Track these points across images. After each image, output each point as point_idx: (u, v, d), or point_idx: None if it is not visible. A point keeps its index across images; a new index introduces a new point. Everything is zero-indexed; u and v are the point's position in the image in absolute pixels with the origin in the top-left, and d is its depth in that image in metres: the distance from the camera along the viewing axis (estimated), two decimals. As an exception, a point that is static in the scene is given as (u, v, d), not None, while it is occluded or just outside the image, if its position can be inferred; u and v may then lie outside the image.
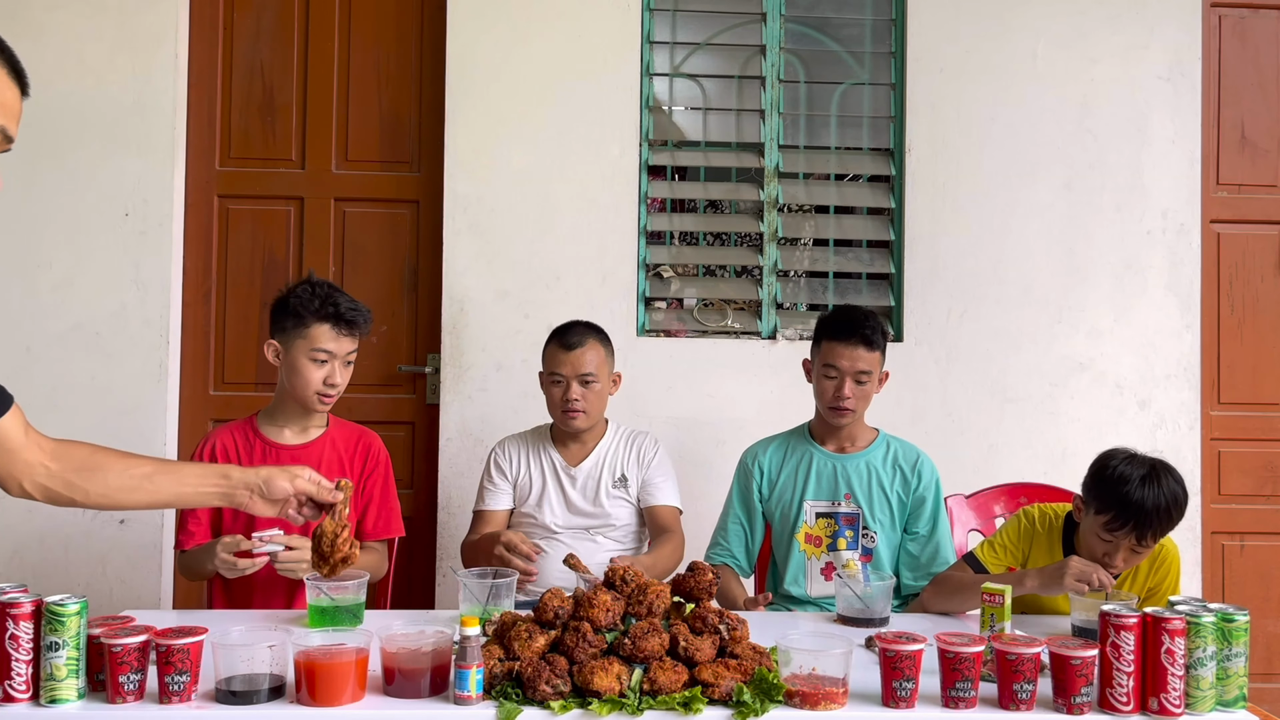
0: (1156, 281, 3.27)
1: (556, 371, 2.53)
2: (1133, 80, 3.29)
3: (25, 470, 1.60)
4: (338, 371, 2.29)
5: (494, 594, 1.92)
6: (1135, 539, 2.02)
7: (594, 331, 2.58)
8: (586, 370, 2.52)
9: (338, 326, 2.28)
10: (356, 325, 2.31)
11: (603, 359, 2.56)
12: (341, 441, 2.39)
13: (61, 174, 3.12)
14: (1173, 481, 2.05)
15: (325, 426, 2.39)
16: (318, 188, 3.29)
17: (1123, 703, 1.53)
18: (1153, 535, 2.03)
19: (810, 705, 1.51)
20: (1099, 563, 2.02)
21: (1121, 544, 2.04)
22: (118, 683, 1.50)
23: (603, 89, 3.21)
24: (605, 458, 2.60)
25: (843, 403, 2.43)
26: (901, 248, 3.27)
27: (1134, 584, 2.20)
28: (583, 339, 2.54)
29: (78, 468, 1.63)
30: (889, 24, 3.34)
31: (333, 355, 2.28)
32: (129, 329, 3.12)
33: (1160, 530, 2.05)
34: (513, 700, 1.51)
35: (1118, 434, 3.23)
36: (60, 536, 3.10)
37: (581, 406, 2.52)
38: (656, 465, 2.61)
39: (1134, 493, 2.01)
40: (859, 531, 2.47)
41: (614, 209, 3.20)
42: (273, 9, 3.29)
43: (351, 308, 2.30)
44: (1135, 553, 2.06)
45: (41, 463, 1.60)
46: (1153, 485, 2.02)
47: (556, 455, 2.61)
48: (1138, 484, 2.01)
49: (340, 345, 2.29)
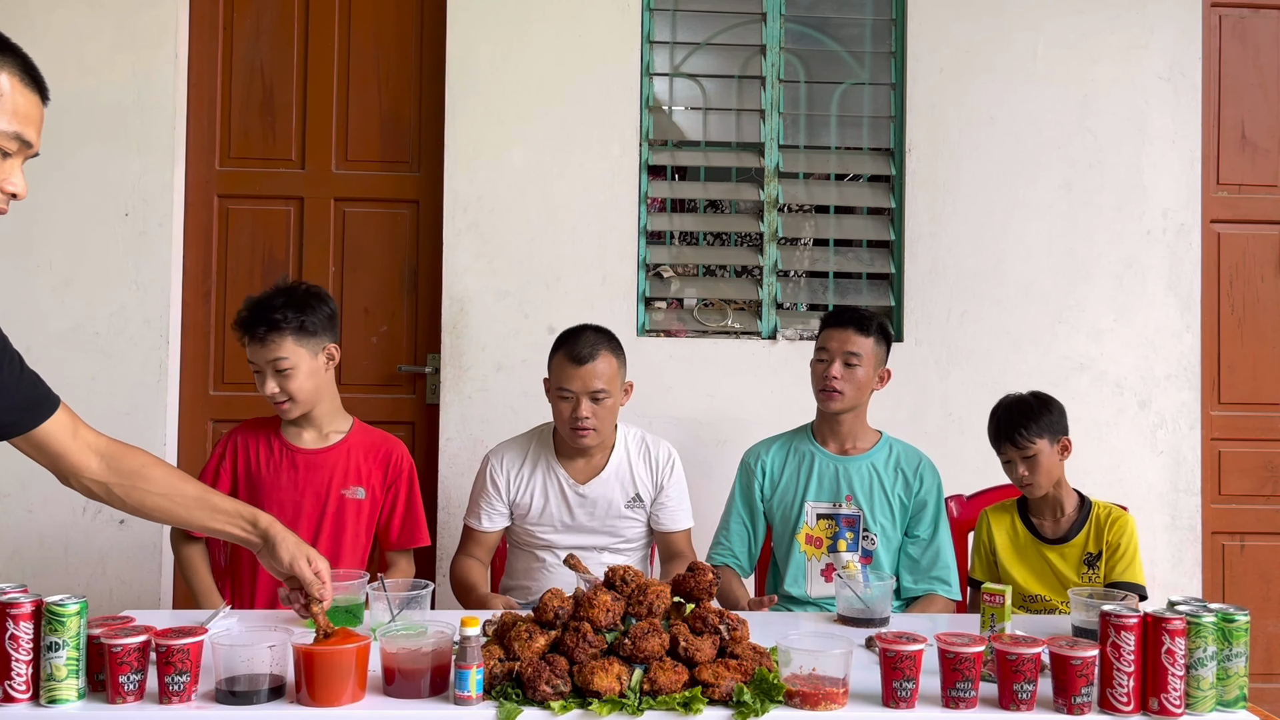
0: (1157, 281, 3.27)
1: (565, 387, 2.34)
2: (1133, 80, 3.29)
3: (73, 471, 1.69)
4: (269, 381, 2.23)
5: (408, 604, 1.86)
6: (1011, 444, 2.34)
7: (605, 340, 2.39)
8: (598, 387, 2.33)
9: (243, 335, 2.25)
10: (254, 333, 2.22)
11: (615, 371, 2.37)
12: (361, 448, 2.36)
13: (61, 174, 3.11)
14: (1019, 395, 2.42)
15: (346, 432, 2.36)
16: (318, 188, 3.29)
17: (1123, 703, 1.53)
18: (1021, 432, 2.32)
19: (810, 705, 1.51)
20: (1019, 486, 2.36)
21: (1013, 457, 2.35)
22: (118, 683, 1.50)
23: (603, 89, 3.20)
24: (617, 475, 2.46)
25: (830, 383, 2.43)
26: (901, 248, 3.27)
27: (1094, 542, 2.35)
28: (594, 351, 2.34)
29: (123, 478, 1.71)
30: (889, 24, 3.34)
31: (259, 366, 2.24)
32: (129, 329, 3.12)
33: (1021, 423, 2.33)
34: (513, 700, 1.51)
35: (1118, 434, 3.23)
36: (60, 536, 3.10)
37: (592, 424, 2.34)
38: (672, 486, 2.48)
39: (996, 412, 2.42)
40: (859, 533, 2.47)
41: (614, 209, 3.20)
42: (273, 9, 3.29)
43: (254, 314, 2.23)
44: (1027, 459, 2.33)
45: (89, 466, 1.69)
46: (1008, 398, 2.42)
47: (562, 473, 2.45)
48: (999, 407, 2.42)
49: (258, 353, 2.22)
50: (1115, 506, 2.41)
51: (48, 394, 1.67)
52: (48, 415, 1.64)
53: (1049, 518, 2.40)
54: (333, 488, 2.30)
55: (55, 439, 1.65)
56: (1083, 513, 2.38)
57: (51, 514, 3.09)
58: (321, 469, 2.31)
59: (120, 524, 3.10)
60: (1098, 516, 2.37)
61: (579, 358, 2.33)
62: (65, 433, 1.66)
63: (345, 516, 2.32)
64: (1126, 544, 2.32)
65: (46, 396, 1.66)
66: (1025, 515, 2.43)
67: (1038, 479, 2.35)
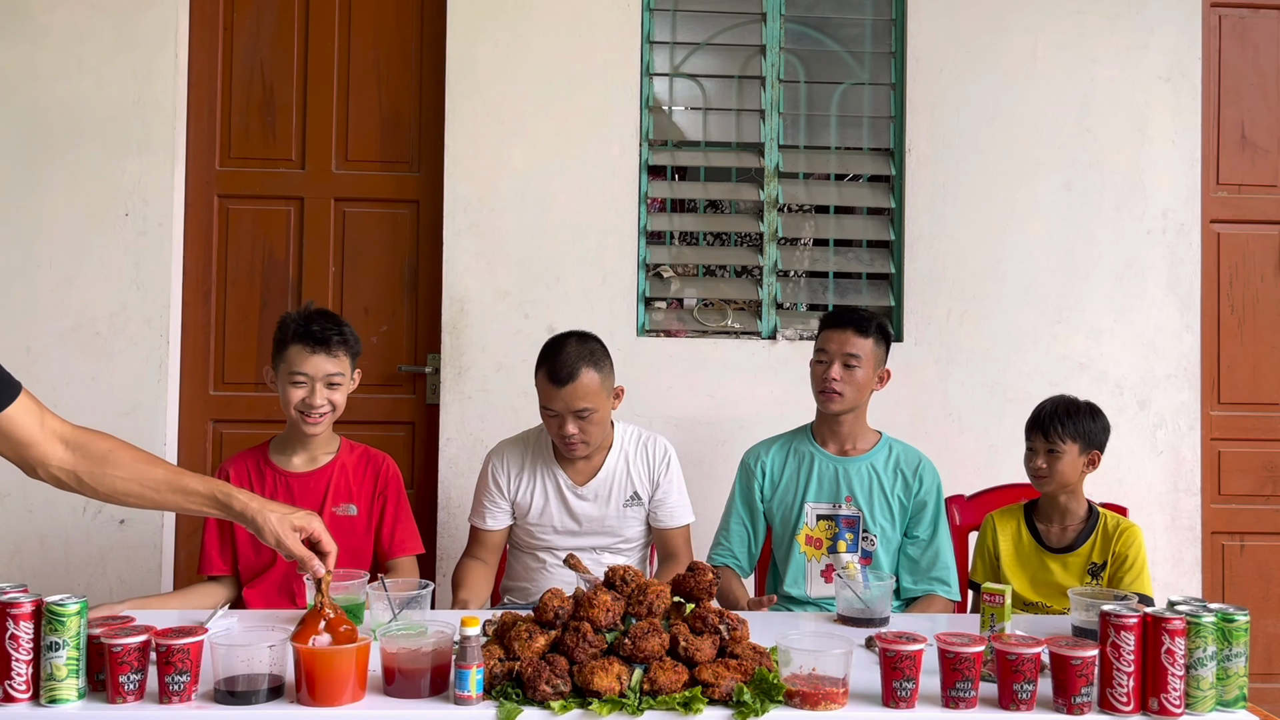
0: (1156, 281, 3.27)
1: (549, 406, 2.34)
2: (1133, 80, 3.29)
3: (40, 461, 1.64)
4: (317, 393, 2.25)
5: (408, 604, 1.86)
6: (1042, 434, 2.35)
7: (586, 355, 2.33)
8: (580, 406, 2.31)
9: (307, 344, 2.25)
10: (327, 343, 2.25)
11: (598, 386, 2.33)
12: (351, 466, 2.37)
13: (61, 174, 3.12)
14: (1074, 397, 2.42)
15: (335, 452, 2.37)
16: (318, 188, 3.29)
17: (1123, 703, 1.53)
18: (1057, 428, 2.34)
19: (810, 705, 1.51)
20: (1032, 476, 2.37)
21: (1038, 447, 2.35)
22: (118, 683, 1.50)
23: (603, 89, 3.20)
24: (615, 475, 2.47)
25: (830, 384, 2.44)
26: (901, 248, 3.27)
27: (1100, 553, 2.34)
28: (574, 371, 2.29)
29: (93, 465, 1.66)
30: (889, 24, 3.34)
31: (309, 377, 2.25)
32: (129, 329, 3.12)
33: (1062, 420, 2.35)
34: (513, 700, 1.51)
35: (1118, 434, 3.20)
36: (60, 536, 3.10)
37: (579, 439, 2.35)
38: (668, 482, 2.49)
39: (1043, 403, 2.43)
40: (859, 534, 2.47)
41: (614, 209, 3.20)
42: (273, 9, 3.29)
43: (325, 326, 2.26)
44: (1051, 453, 2.33)
45: (57, 454, 1.65)
46: (1062, 395, 2.43)
47: (561, 474, 2.46)
48: (1049, 399, 2.43)
49: (315, 365, 2.24)
50: (1123, 518, 2.39)
51: (7, 379, 1.62)
52: (7, 402, 1.59)
53: (1056, 524, 2.38)
54: (326, 507, 2.31)
55: (20, 426, 1.61)
56: (1089, 522, 2.36)
57: (51, 514, 3.09)
58: (314, 491, 2.33)
59: (120, 524, 3.10)
60: (1105, 527, 2.35)
61: (559, 379, 2.30)
62: (31, 419, 1.62)
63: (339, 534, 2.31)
64: (1135, 556, 2.30)
65: (6, 381, 1.61)
66: (1031, 521, 2.41)
67: (1052, 476, 2.34)
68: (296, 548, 1.71)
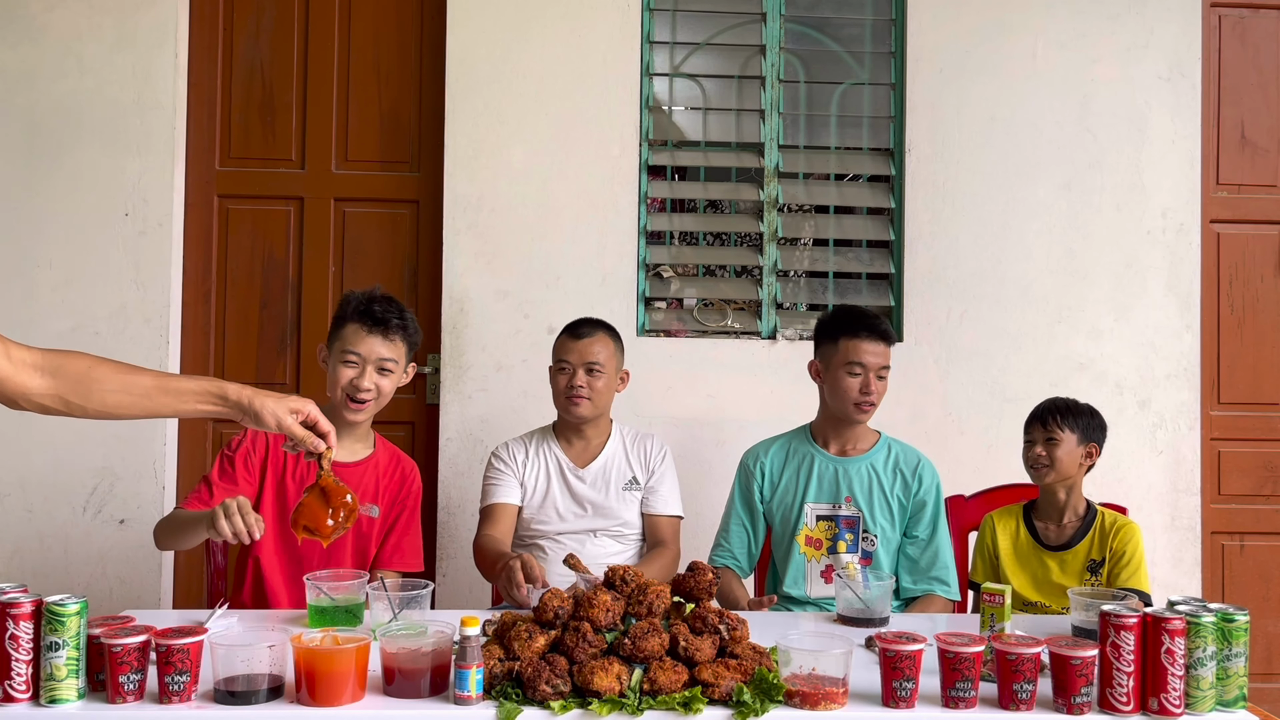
0: (1156, 281, 3.27)
1: (564, 359, 2.52)
2: (1133, 80, 3.29)
3: (20, 393, 1.57)
4: (367, 375, 2.23)
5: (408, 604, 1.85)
6: (1041, 424, 2.40)
7: (604, 326, 2.59)
8: (593, 359, 2.50)
9: (365, 324, 2.24)
10: (386, 325, 2.24)
11: (611, 353, 2.55)
12: (383, 466, 2.35)
13: (61, 174, 3.12)
14: (1071, 398, 2.46)
15: (373, 449, 2.35)
16: (318, 188, 3.29)
17: (1123, 703, 1.53)
18: (1055, 417, 2.38)
19: (810, 705, 1.51)
20: (1031, 468, 2.40)
21: (1037, 437, 2.40)
22: (118, 683, 1.50)
23: (603, 89, 3.20)
24: (614, 459, 2.57)
25: (870, 398, 2.44)
26: (901, 248, 3.27)
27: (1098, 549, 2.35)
28: (593, 330, 2.54)
29: (74, 385, 1.60)
30: (889, 24, 3.34)
31: (362, 359, 2.24)
32: (129, 329, 3.12)
33: (1059, 411, 2.39)
34: (513, 700, 1.51)
35: (1117, 434, 3.22)
36: (60, 536, 3.10)
37: (586, 394, 2.49)
38: (663, 471, 2.58)
39: (1042, 401, 2.47)
40: (859, 535, 2.47)
41: (614, 209, 3.20)
42: (273, 9, 3.29)
43: (386, 308, 2.26)
44: (1050, 442, 2.37)
45: (34, 384, 1.57)
46: (1049, 398, 2.46)
47: (562, 455, 2.56)
48: (1048, 399, 2.47)
49: (369, 347, 2.24)
50: (1121, 515, 2.41)
51: None
52: None
53: (1054, 522, 2.40)
54: None
55: None
56: (1087, 519, 2.38)
57: (51, 514, 3.09)
58: (351, 487, 2.29)
59: (120, 524, 3.10)
60: (1103, 524, 2.36)
61: (578, 334, 2.53)
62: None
63: (355, 532, 2.29)
64: (1132, 552, 2.32)
65: None
66: (1030, 520, 2.43)
67: (1052, 465, 2.35)
68: (296, 429, 1.71)
